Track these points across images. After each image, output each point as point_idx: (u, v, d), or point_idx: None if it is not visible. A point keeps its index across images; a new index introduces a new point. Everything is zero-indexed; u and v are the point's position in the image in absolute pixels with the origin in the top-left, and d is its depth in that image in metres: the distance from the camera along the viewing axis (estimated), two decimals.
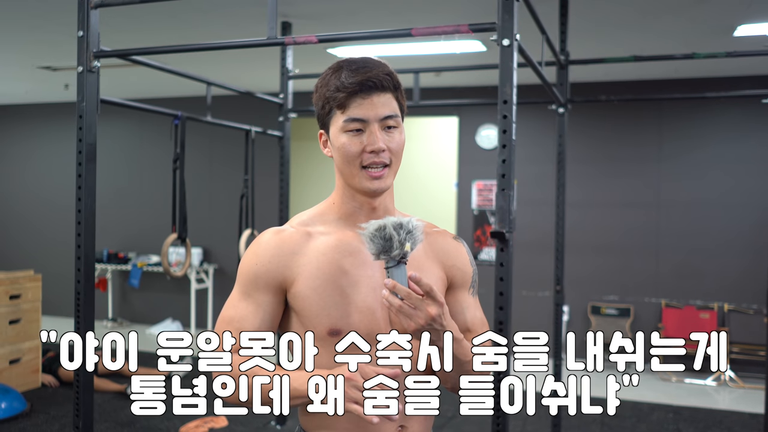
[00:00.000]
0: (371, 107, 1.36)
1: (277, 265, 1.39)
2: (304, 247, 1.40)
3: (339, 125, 1.38)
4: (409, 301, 1.24)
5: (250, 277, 1.41)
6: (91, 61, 2.78)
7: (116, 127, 8.40)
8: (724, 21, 4.62)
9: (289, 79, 4.62)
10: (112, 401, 5.12)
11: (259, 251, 1.41)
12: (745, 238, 6.29)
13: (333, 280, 1.37)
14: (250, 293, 1.40)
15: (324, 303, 1.36)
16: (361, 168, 1.38)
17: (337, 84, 1.37)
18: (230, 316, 1.41)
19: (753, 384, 5.99)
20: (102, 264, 7.97)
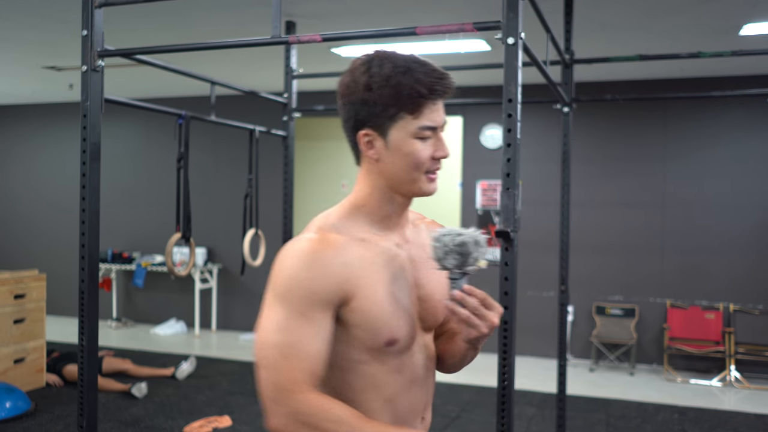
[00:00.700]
0: (439, 114, 1.35)
1: (335, 279, 1.27)
2: (354, 256, 1.31)
3: (410, 130, 1.32)
4: (476, 311, 1.27)
5: (305, 295, 1.25)
6: (95, 61, 2.78)
7: (122, 127, 8.41)
8: (729, 20, 4.60)
9: (293, 78, 4.61)
10: (116, 401, 5.12)
11: (313, 264, 1.26)
12: (751, 238, 6.27)
13: (385, 290, 1.33)
14: (305, 312, 1.24)
15: (385, 314, 1.31)
16: (423, 173, 1.36)
17: (414, 87, 1.30)
18: (282, 341, 1.23)
19: (759, 385, 5.97)
20: (106, 264, 7.98)
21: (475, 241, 1.28)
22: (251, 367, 6.33)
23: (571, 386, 5.73)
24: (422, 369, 1.42)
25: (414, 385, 1.40)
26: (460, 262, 1.28)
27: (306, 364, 1.23)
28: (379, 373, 1.34)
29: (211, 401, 5.20)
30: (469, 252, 1.27)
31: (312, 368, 1.23)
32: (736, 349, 6.12)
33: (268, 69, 6.22)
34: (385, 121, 1.32)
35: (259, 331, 1.27)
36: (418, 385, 1.41)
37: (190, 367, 5.91)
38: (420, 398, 1.42)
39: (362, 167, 1.43)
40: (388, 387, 1.35)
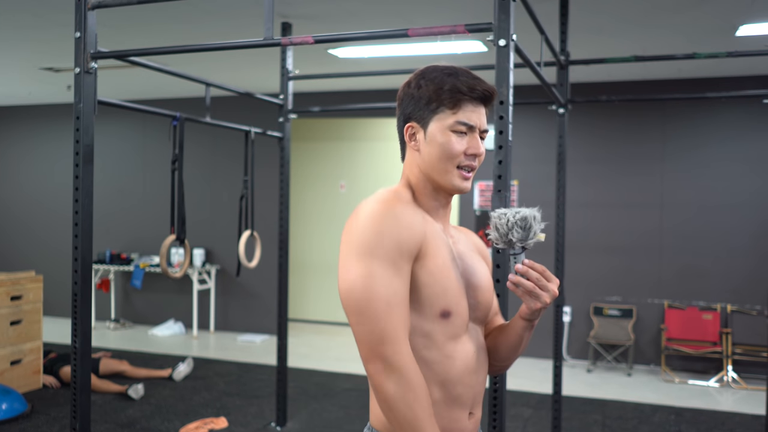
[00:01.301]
0: (479, 117, 1.45)
1: (418, 233, 1.36)
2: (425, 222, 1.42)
3: (447, 123, 1.44)
4: (539, 282, 1.38)
5: (395, 245, 1.32)
6: (89, 63, 2.78)
7: (120, 129, 8.42)
8: (726, 21, 4.60)
9: (289, 80, 4.61)
10: (112, 402, 5.12)
11: (396, 217, 1.35)
12: (749, 239, 6.27)
13: (446, 263, 1.41)
14: (396, 261, 1.32)
15: (444, 282, 1.39)
16: (456, 167, 1.45)
17: (453, 85, 1.43)
18: (385, 292, 1.30)
19: (755, 385, 5.96)
20: (105, 265, 7.98)
21: (535, 216, 1.38)
22: (248, 368, 6.33)
23: (569, 387, 5.73)
24: (474, 359, 1.45)
25: (465, 374, 1.43)
26: (523, 236, 1.37)
27: (405, 314, 1.32)
28: (433, 355, 1.39)
29: (208, 402, 5.20)
30: (530, 226, 1.37)
31: (407, 317, 1.33)
32: (734, 350, 6.12)
33: (264, 70, 6.22)
34: (427, 114, 1.46)
35: (358, 284, 1.31)
36: (469, 375, 1.44)
37: (187, 368, 5.91)
38: (470, 390, 1.44)
39: (406, 161, 1.53)
40: (442, 374, 1.40)
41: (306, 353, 6.97)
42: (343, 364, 6.50)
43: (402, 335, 1.30)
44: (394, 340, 1.29)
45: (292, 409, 5.02)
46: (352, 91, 7.42)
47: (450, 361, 1.40)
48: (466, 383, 1.43)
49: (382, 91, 7.16)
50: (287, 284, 4.68)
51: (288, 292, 4.60)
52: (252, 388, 5.66)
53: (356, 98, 7.23)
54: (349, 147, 8.69)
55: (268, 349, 7.03)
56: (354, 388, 5.67)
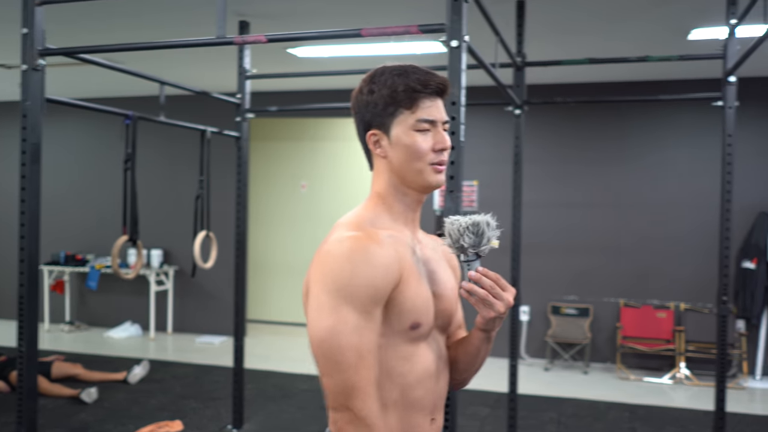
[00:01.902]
0: (437, 110, 1.46)
1: (392, 275, 1.35)
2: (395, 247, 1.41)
3: (409, 124, 1.43)
4: (492, 291, 1.36)
5: (371, 293, 1.31)
6: (36, 60, 2.72)
7: (75, 128, 8.25)
8: (678, 25, 4.69)
9: (246, 79, 4.57)
10: (64, 406, 5.02)
11: (371, 260, 1.32)
12: (701, 238, 6.40)
13: (416, 278, 1.42)
14: (370, 310, 1.31)
15: (413, 300, 1.39)
16: (428, 165, 1.45)
17: (408, 84, 1.43)
18: (358, 343, 1.29)
19: (708, 382, 6.10)
20: (59, 266, 7.80)
21: (488, 222, 1.36)
22: (206, 370, 6.26)
23: (526, 386, 5.79)
24: (433, 364, 1.45)
25: (425, 377, 1.43)
26: (475, 242, 1.35)
27: (375, 363, 1.32)
28: (391, 360, 1.38)
29: (164, 406, 5.12)
30: (483, 231, 1.35)
31: (376, 365, 1.33)
32: (687, 347, 6.25)
33: (223, 69, 6.15)
34: (387, 118, 1.45)
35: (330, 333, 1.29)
36: (429, 379, 1.44)
37: (143, 371, 5.82)
38: (430, 395, 1.44)
39: (375, 169, 1.52)
40: (400, 377, 1.40)
41: (265, 354, 6.92)
42: (302, 365, 6.47)
43: (372, 388, 1.30)
44: (365, 394, 1.28)
45: (249, 411, 4.97)
46: (312, 90, 7.39)
47: (408, 363, 1.41)
48: (426, 387, 1.43)
49: (341, 91, 7.14)
50: (245, 285, 4.64)
51: (246, 293, 4.56)
52: (209, 390, 5.60)
53: (316, 98, 7.20)
54: (311, 147, 8.65)
55: (226, 351, 6.96)
56: (312, 389, 5.65)
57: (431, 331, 1.46)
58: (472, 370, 1.56)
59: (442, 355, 1.50)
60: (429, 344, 1.46)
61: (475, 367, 1.56)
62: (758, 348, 6.29)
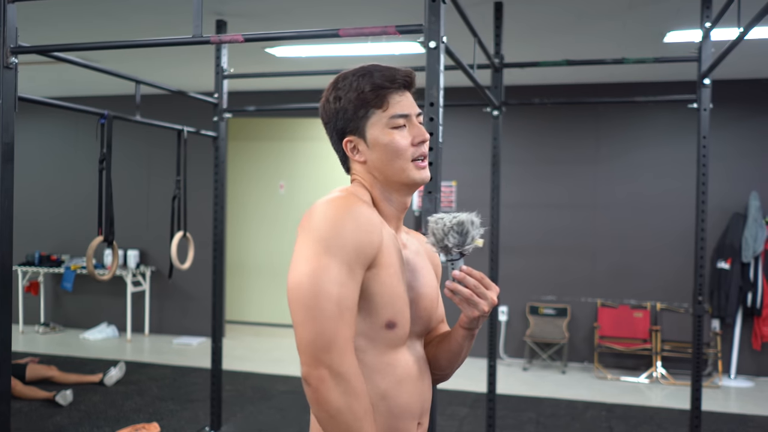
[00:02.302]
0: (408, 103, 1.44)
1: (375, 240, 1.31)
2: (382, 230, 1.35)
3: (383, 122, 1.41)
4: (477, 290, 1.34)
5: (353, 247, 1.27)
6: (8, 57, 2.67)
7: (51, 127, 8.15)
8: (654, 27, 4.74)
9: (224, 78, 4.54)
10: (39, 409, 4.95)
11: (357, 217, 1.29)
12: (677, 239, 6.47)
13: (397, 273, 1.38)
14: (352, 265, 1.27)
15: (392, 293, 1.36)
16: (410, 161, 1.42)
17: (374, 82, 1.40)
18: (338, 294, 1.24)
19: (683, 381, 6.16)
20: (34, 267, 7.70)
21: (472, 221, 1.34)
22: (183, 371, 6.21)
23: (505, 385, 5.81)
24: (414, 368, 1.43)
25: (407, 382, 1.41)
26: (460, 241, 1.34)
27: (353, 321, 1.28)
28: (375, 363, 1.37)
29: (140, 408, 5.07)
30: (467, 231, 1.33)
31: (354, 325, 1.29)
32: (663, 347, 6.31)
33: (199, 68, 6.11)
34: (360, 122, 1.42)
35: (309, 277, 1.24)
36: (412, 384, 1.42)
37: (119, 373, 5.75)
38: (414, 399, 1.42)
39: (354, 176, 1.48)
40: (382, 380, 1.37)
41: (243, 355, 6.88)
42: (281, 366, 6.44)
43: (350, 344, 1.25)
44: (342, 348, 1.23)
45: (227, 413, 4.94)
46: (290, 90, 7.36)
47: (391, 368, 1.39)
48: (411, 392, 1.42)
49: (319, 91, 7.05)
50: (222, 286, 4.61)
51: (224, 294, 4.53)
52: (186, 392, 5.55)
53: (294, 98, 7.17)
54: (289, 147, 8.62)
55: (204, 352, 6.91)
56: (291, 390, 5.62)
57: (409, 336, 1.44)
58: (453, 367, 1.55)
59: (420, 358, 1.48)
60: (409, 349, 1.44)
61: (456, 364, 1.54)
62: (733, 347, 6.37)
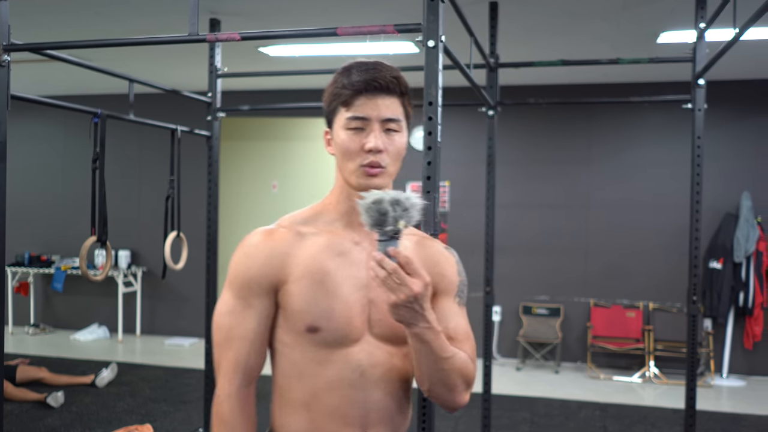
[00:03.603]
0: (374, 107, 1.40)
1: (270, 268, 1.40)
2: (295, 248, 1.42)
3: (342, 122, 1.41)
4: (396, 275, 1.25)
5: (243, 282, 1.41)
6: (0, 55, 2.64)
7: (41, 126, 8.09)
8: (648, 28, 4.75)
9: (218, 77, 4.51)
10: (30, 411, 4.90)
11: (252, 254, 1.43)
12: (670, 239, 6.49)
13: (319, 280, 1.39)
14: (244, 297, 1.41)
15: (307, 301, 1.38)
16: (359, 166, 1.39)
17: (344, 82, 1.41)
18: (228, 324, 1.41)
19: (676, 380, 6.18)
20: (23, 267, 7.64)
21: (394, 200, 1.26)
22: (175, 372, 6.17)
23: (499, 385, 5.81)
24: (357, 374, 1.39)
25: (341, 387, 1.38)
26: (379, 221, 1.26)
27: (244, 349, 1.39)
28: (303, 360, 1.39)
29: (132, 409, 5.04)
30: (385, 210, 1.25)
31: (245, 355, 1.39)
32: (655, 346, 6.33)
33: (193, 67, 6.08)
34: (331, 116, 1.45)
35: (215, 310, 1.44)
36: (348, 390, 1.38)
37: (111, 374, 5.72)
38: (352, 407, 1.38)
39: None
40: (311, 379, 1.39)
41: None
42: None
43: (231, 373, 1.39)
44: (223, 376, 1.39)
45: None
46: (284, 90, 7.34)
47: (321, 370, 1.39)
48: (343, 395, 1.38)
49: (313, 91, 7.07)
50: (216, 286, 4.58)
51: (217, 294, 4.50)
52: (179, 393, 5.52)
53: (287, 97, 7.15)
54: (282, 147, 8.59)
55: (196, 353, 6.88)
56: None
57: (364, 339, 1.40)
58: (423, 382, 1.40)
59: (379, 365, 1.41)
60: (359, 352, 1.39)
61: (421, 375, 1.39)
62: (725, 347, 6.40)
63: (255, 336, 1.40)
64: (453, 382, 1.39)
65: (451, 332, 1.46)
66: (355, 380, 1.39)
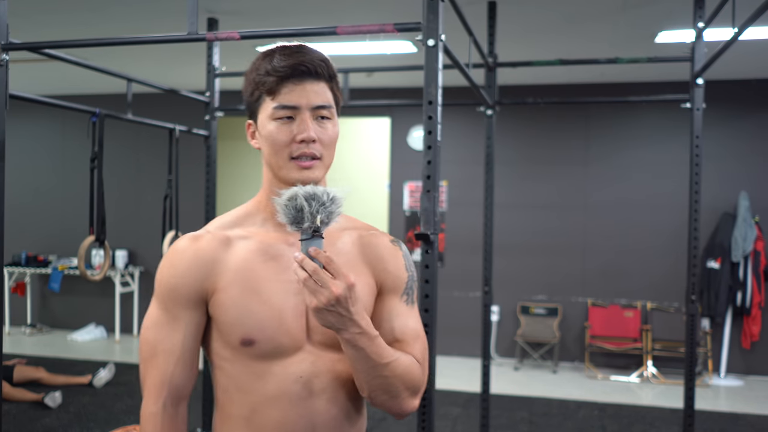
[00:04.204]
0: (303, 94, 1.28)
1: (195, 277, 1.30)
2: (223, 254, 1.31)
3: (268, 112, 1.29)
4: (315, 276, 1.15)
5: (168, 291, 1.31)
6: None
7: (39, 126, 8.07)
8: (646, 27, 4.75)
9: (215, 77, 4.50)
10: (28, 411, 4.89)
11: (176, 261, 1.31)
12: (667, 238, 6.50)
13: (251, 287, 1.29)
14: (170, 309, 1.30)
15: (239, 312, 1.28)
16: (290, 159, 1.29)
17: (267, 68, 1.28)
18: (153, 338, 1.31)
19: (673, 380, 6.19)
20: (20, 267, 7.62)
21: (309, 195, 1.17)
22: None
23: (497, 385, 5.80)
24: (299, 385, 1.29)
25: (282, 400, 1.29)
26: (296, 218, 1.18)
27: (169, 364, 1.29)
28: (241, 375, 1.30)
29: (130, 409, 5.03)
30: (301, 206, 1.17)
31: (171, 371, 1.29)
32: (653, 346, 6.33)
33: (191, 67, 6.07)
34: (254, 106, 1.33)
35: (143, 324, 1.34)
36: (289, 402, 1.29)
37: (108, 374, 5.70)
38: (297, 420, 1.29)
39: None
40: (251, 394, 1.29)
41: None
42: None
43: (156, 391, 1.30)
44: (148, 393, 1.31)
45: None
46: None
47: (260, 383, 1.29)
48: (285, 409, 1.29)
49: None
50: None
51: None
52: None
53: None
54: None
55: None
56: None
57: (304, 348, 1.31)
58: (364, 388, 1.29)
59: (323, 373, 1.31)
60: (300, 361, 1.30)
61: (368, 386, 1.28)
62: (722, 346, 6.41)
63: (182, 351, 1.30)
64: (395, 389, 1.29)
65: (397, 334, 1.36)
66: (298, 392, 1.29)
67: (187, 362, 1.32)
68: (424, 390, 1.36)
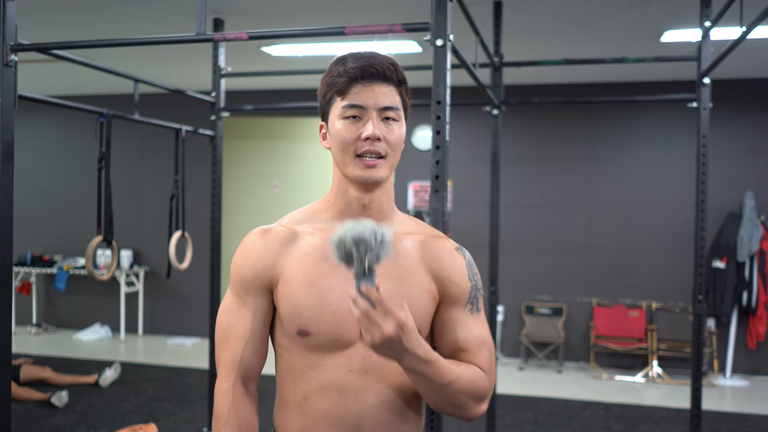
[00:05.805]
0: (371, 95, 1.34)
1: (262, 266, 1.39)
2: (289, 247, 1.40)
3: (337, 112, 1.36)
4: (367, 315, 1.18)
5: (238, 279, 1.41)
6: (8, 55, 2.64)
7: (43, 126, 8.09)
8: (652, 27, 4.75)
9: (221, 77, 4.51)
10: (34, 411, 4.90)
11: (246, 252, 1.42)
12: (672, 238, 6.49)
13: (310, 281, 1.36)
14: (240, 295, 1.41)
15: (297, 304, 1.35)
16: (355, 156, 1.34)
17: (339, 71, 1.36)
18: (227, 322, 1.42)
19: (679, 380, 6.18)
20: (26, 267, 7.64)
21: (357, 240, 1.18)
22: (178, 372, 6.17)
23: (502, 385, 5.81)
24: (349, 378, 1.35)
25: (332, 390, 1.35)
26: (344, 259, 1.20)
27: (239, 348, 1.39)
28: (297, 363, 1.38)
29: (137, 409, 5.04)
30: (349, 251, 1.18)
31: (241, 353, 1.39)
32: (658, 346, 6.32)
33: (196, 67, 6.08)
34: (326, 108, 1.40)
35: (219, 309, 1.45)
36: (339, 393, 1.35)
37: (114, 374, 5.72)
38: (341, 410, 1.35)
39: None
40: (304, 382, 1.37)
41: None
42: None
43: (227, 370, 1.40)
44: (221, 372, 1.41)
45: None
46: (286, 89, 7.34)
47: (313, 373, 1.36)
48: (334, 401, 1.35)
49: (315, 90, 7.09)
50: (219, 286, 4.58)
51: (220, 294, 4.50)
52: (183, 393, 5.52)
53: (290, 97, 7.15)
54: (283, 146, 8.59)
55: (199, 353, 6.88)
56: None
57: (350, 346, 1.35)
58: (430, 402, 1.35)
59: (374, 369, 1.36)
60: (346, 356, 1.35)
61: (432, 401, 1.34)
62: (728, 346, 6.40)
63: (251, 335, 1.40)
64: (459, 402, 1.33)
65: (461, 344, 1.39)
66: (347, 384, 1.35)
67: (256, 345, 1.41)
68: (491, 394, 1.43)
